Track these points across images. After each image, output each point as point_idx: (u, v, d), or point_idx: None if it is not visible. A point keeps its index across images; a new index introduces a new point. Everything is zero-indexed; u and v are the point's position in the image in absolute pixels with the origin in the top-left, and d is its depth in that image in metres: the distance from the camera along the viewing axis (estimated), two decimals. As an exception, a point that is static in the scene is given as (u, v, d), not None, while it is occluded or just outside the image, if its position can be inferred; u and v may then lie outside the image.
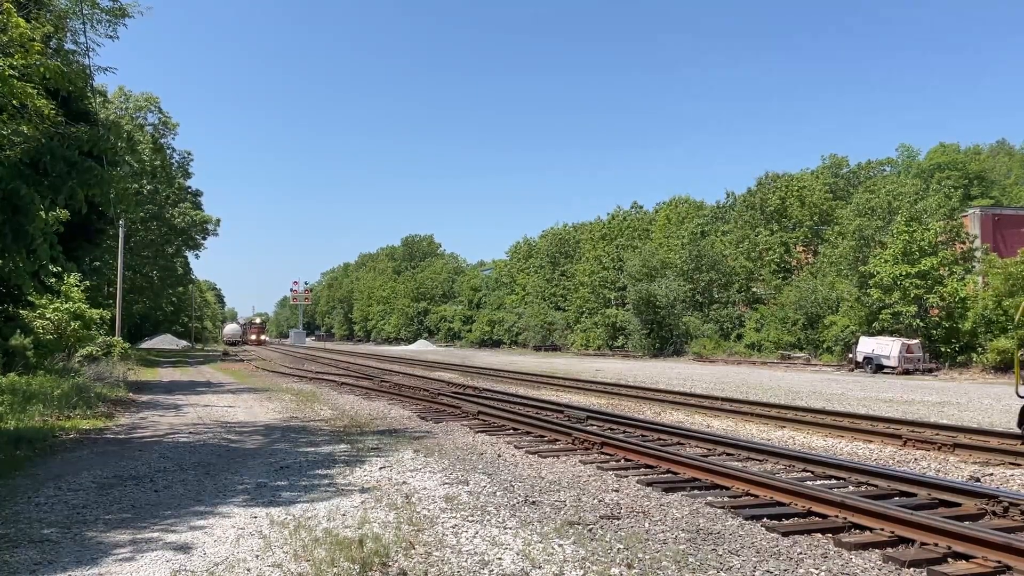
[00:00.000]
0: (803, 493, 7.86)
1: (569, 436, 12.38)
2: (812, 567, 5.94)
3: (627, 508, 7.73)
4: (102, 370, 25.08)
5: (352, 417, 15.81)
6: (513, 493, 8.34)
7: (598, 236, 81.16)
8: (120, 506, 7.95)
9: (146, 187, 47.72)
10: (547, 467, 10.18)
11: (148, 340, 75.20)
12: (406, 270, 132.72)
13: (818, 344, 46.90)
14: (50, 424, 14.32)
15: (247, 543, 6.43)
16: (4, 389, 16.55)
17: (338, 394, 22.16)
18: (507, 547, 6.26)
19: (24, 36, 10.73)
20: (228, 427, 14.73)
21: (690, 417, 16.22)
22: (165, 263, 57.60)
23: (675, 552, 6.16)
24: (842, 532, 6.93)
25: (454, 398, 19.39)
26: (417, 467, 9.92)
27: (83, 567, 5.85)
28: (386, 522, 7.05)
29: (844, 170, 73.09)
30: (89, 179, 10.96)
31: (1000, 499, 7.58)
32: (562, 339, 78.24)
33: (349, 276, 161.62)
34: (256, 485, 8.94)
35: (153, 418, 16.38)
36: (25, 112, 10.93)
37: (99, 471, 9.87)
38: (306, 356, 59.33)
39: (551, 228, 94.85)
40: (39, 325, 26.91)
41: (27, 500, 8.20)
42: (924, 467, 10.50)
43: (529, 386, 25.49)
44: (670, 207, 76.43)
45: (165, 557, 6.06)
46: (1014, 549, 5.88)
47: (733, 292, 60.43)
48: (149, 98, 48.46)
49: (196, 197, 60.36)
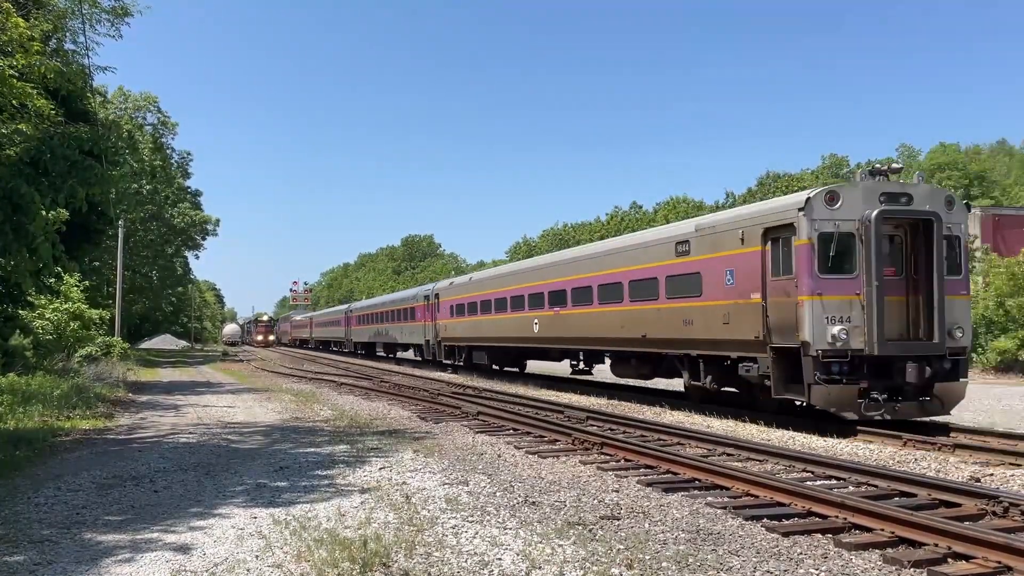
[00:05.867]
0: (803, 493, 7.86)
1: (569, 436, 12.37)
2: (812, 567, 5.93)
3: (627, 508, 7.73)
4: (101, 370, 25.10)
5: (352, 417, 15.81)
6: (513, 493, 8.33)
7: (598, 236, 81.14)
8: (120, 507, 7.94)
9: (146, 187, 47.73)
10: (547, 467, 10.18)
11: (147, 340, 75.23)
12: (406, 270, 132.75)
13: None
14: (49, 424, 14.32)
15: (247, 543, 6.42)
16: (4, 389, 16.55)
17: (338, 394, 22.16)
18: (507, 547, 6.26)
19: (23, 36, 10.73)
20: (228, 427, 14.73)
21: (690, 417, 16.21)
22: (165, 263, 57.62)
23: (675, 552, 6.16)
24: (842, 532, 6.92)
25: (454, 398, 19.39)
26: (417, 467, 9.92)
27: (83, 567, 5.84)
28: (386, 522, 7.04)
29: (844, 170, 73.11)
30: (89, 178, 10.97)
31: (1000, 499, 7.57)
32: (562, 339, 78.02)
33: (349, 276, 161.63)
34: (256, 485, 8.93)
35: (153, 418, 16.38)
36: (25, 112, 10.93)
37: (99, 471, 9.87)
38: (305, 356, 59.33)
39: (551, 228, 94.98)
40: (39, 325, 26.92)
41: (27, 500, 8.19)
42: (924, 467, 10.49)
43: (529, 386, 25.47)
44: (669, 207, 76.50)
45: (165, 558, 6.06)
46: (1014, 549, 5.88)
47: (733, 292, 60.40)
48: (148, 98, 48.46)
49: (196, 197, 60.43)
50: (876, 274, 13.03)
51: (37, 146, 10.88)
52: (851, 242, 13.33)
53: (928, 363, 13.20)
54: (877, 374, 13.23)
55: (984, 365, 34.55)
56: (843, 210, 13.35)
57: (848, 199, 13.43)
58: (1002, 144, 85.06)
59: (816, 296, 13.13)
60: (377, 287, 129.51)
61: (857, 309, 13.16)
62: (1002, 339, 33.90)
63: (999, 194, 67.37)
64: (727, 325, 15.18)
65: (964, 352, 14.04)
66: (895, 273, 13.80)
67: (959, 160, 69.76)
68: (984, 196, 65.37)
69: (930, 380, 13.27)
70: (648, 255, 18.32)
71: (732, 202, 69.92)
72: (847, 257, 13.35)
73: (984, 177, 69.97)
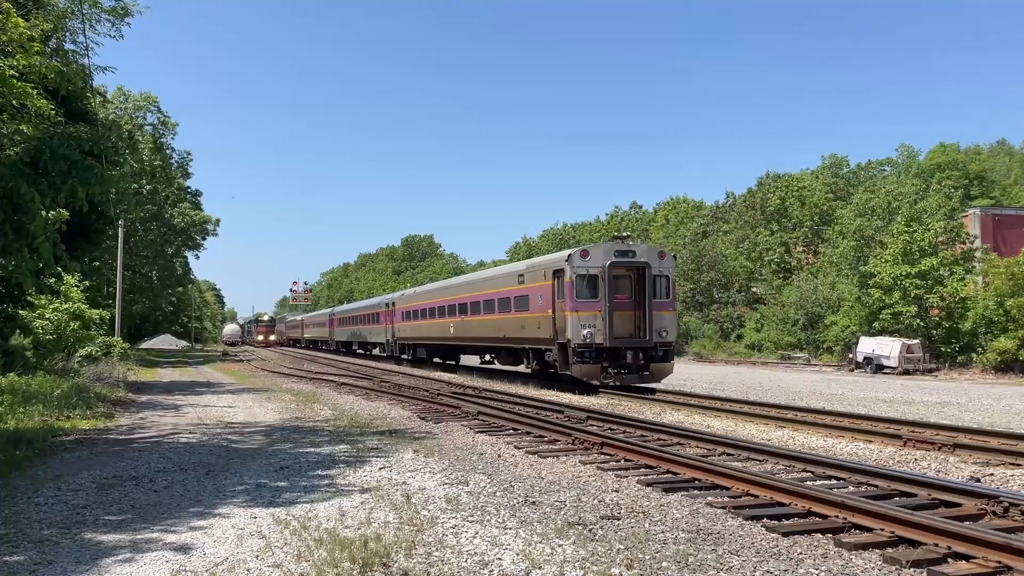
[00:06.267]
0: (803, 493, 7.86)
1: (569, 436, 12.37)
2: (812, 567, 5.93)
3: (627, 508, 7.73)
4: (101, 370, 25.09)
5: (352, 417, 15.81)
6: (513, 493, 8.33)
7: (598, 236, 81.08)
8: (120, 506, 7.94)
9: (146, 187, 47.73)
10: (547, 467, 10.18)
11: (148, 340, 75.25)
12: (406, 270, 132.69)
13: (818, 344, 46.91)
14: (50, 424, 14.32)
15: (247, 543, 6.42)
16: (4, 389, 16.56)
17: (338, 394, 22.16)
18: (507, 547, 6.26)
19: (23, 36, 10.73)
20: (228, 427, 14.73)
21: (690, 417, 16.21)
22: (165, 263, 57.57)
23: (675, 552, 6.16)
24: (842, 532, 6.93)
25: (454, 398, 19.39)
26: (417, 467, 9.92)
27: (83, 567, 5.85)
28: (387, 522, 7.04)
29: (844, 170, 73.16)
30: (89, 177, 10.97)
31: (1000, 499, 7.57)
32: (562, 339, 78.12)
33: (349, 276, 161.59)
34: (256, 485, 8.93)
35: (153, 418, 16.38)
36: (25, 112, 10.93)
37: (99, 471, 9.87)
38: (305, 356, 59.34)
39: (551, 228, 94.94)
40: (39, 325, 26.92)
41: (27, 500, 8.19)
42: (924, 467, 10.49)
43: (529, 386, 25.47)
44: (669, 207, 76.49)
45: (165, 557, 6.06)
46: (1014, 549, 5.88)
47: (733, 292, 60.43)
48: (148, 98, 48.44)
49: (196, 197, 60.40)
50: (609, 299, 21.08)
51: (37, 146, 10.88)
52: (596, 280, 21.29)
53: (643, 352, 21.38)
54: (611, 358, 21.20)
55: (984, 365, 34.54)
56: (591, 260, 21.43)
57: (595, 254, 21.56)
58: (1002, 144, 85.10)
59: (575, 312, 21.12)
60: (377, 287, 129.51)
61: (600, 320, 21.04)
62: (1002, 339, 33.90)
63: (999, 194, 67.38)
64: (540, 328, 23.18)
65: (670, 346, 21.92)
66: (626, 298, 21.81)
67: (959, 160, 69.73)
68: (984, 196, 65.41)
69: (646, 362, 21.43)
70: (505, 282, 26.63)
71: (732, 202, 70.05)
72: (593, 289, 21.29)
73: (984, 177, 69.99)
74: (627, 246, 22.14)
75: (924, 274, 37.35)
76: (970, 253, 40.55)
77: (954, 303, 37.05)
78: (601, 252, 21.50)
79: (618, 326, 21.15)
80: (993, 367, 33.87)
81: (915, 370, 34.84)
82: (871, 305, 39.55)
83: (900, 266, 38.06)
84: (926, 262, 37.49)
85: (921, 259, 37.78)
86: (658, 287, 21.67)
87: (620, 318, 21.37)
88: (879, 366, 35.48)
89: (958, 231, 41.14)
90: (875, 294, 39.02)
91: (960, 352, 36.73)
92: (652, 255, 22.09)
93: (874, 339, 37.07)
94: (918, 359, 35.32)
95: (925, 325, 37.50)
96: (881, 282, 38.70)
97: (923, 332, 37.28)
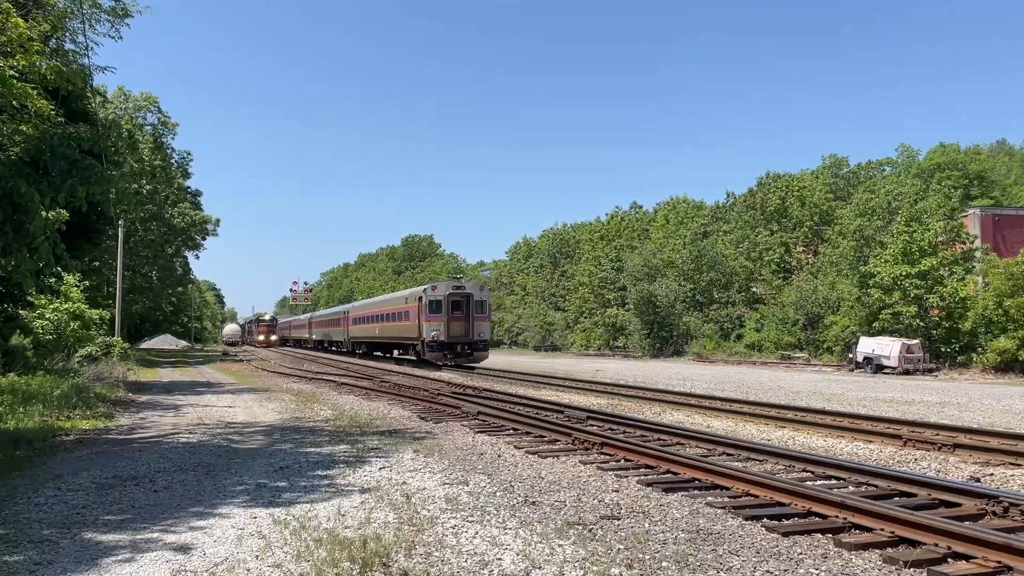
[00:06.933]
0: (803, 493, 7.85)
1: (569, 436, 12.37)
2: (812, 567, 5.93)
3: (627, 508, 7.73)
4: (101, 370, 25.08)
5: (352, 417, 15.81)
6: (513, 493, 8.33)
7: (598, 236, 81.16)
8: (120, 506, 7.94)
9: (146, 187, 47.72)
10: (547, 467, 10.17)
11: (148, 340, 75.24)
12: (406, 270, 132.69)
13: (818, 344, 46.93)
14: (50, 424, 14.31)
15: (247, 543, 6.42)
16: (4, 389, 16.55)
17: (338, 394, 22.15)
18: (507, 547, 6.26)
19: (23, 36, 10.73)
20: (228, 427, 14.72)
21: (690, 417, 16.22)
22: (165, 263, 57.57)
23: (675, 552, 6.16)
24: (842, 532, 6.93)
25: (454, 398, 19.38)
26: (417, 467, 9.92)
27: (83, 567, 5.84)
28: (386, 522, 7.04)
29: (844, 170, 73.17)
30: (89, 177, 10.96)
31: (1000, 499, 7.57)
32: (562, 339, 78.23)
33: (349, 276, 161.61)
34: (256, 485, 8.93)
35: (153, 418, 16.37)
36: (25, 112, 10.93)
37: (99, 471, 9.86)
38: (305, 356, 59.33)
39: (551, 228, 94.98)
40: (39, 325, 26.93)
41: (27, 500, 8.19)
42: (924, 467, 10.50)
43: (529, 386, 25.49)
44: (669, 207, 76.46)
45: (165, 557, 6.06)
46: (1014, 549, 5.88)
47: (733, 292, 60.43)
48: (148, 98, 48.46)
49: (196, 197, 60.38)
50: (449, 315, 35.45)
51: (37, 146, 10.87)
52: (440, 304, 35.54)
53: (469, 345, 35.79)
54: (448, 348, 35.40)
55: (984, 365, 34.54)
56: (438, 292, 36.08)
57: (440, 287, 36.76)
58: (1002, 144, 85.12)
59: (427, 322, 35.40)
60: (377, 287, 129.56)
61: (443, 326, 35.26)
62: (1002, 339, 33.90)
63: (999, 194, 67.38)
64: (412, 331, 37.48)
65: (486, 343, 36.73)
66: (460, 314, 35.80)
67: (959, 160, 69.72)
68: (984, 196, 65.39)
69: (471, 351, 35.75)
70: (399, 302, 41.63)
71: (732, 202, 70.05)
72: (438, 310, 35.49)
73: (984, 177, 69.96)
74: (460, 283, 40.37)
75: (924, 274, 37.35)
76: (970, 253, 40.52)
77: (954, 303, 37.05)
78: (444, 286, 36.97)
79: (453, 329, 35.54)
80: (993, 367, 33.87)
81: (915, 370, 34.84)
82: (871, 305, 39.56)
83: (900, 266, 38.06)
84: (926, 262, 37.49)
85: (921, 259, 37.78)
86: (480, 308, 36.19)
87: (455, 325, 35.65)
88: (879, 366, 35.48)
89: (958, 231, 41.12)
90: (875, 294, 39.03)
91: (960, 352, 36.74)
92: (475, 288, 37.48)
93: (874, 339, 37.08)
94: (918, 359, 35.33)
95: (925, 325, 37.51)
96: (881, 282, 38.70)
97: (923, 332, 37.29)
